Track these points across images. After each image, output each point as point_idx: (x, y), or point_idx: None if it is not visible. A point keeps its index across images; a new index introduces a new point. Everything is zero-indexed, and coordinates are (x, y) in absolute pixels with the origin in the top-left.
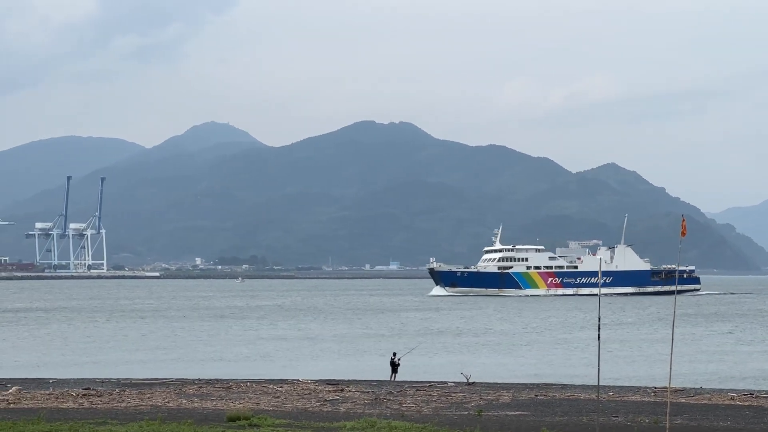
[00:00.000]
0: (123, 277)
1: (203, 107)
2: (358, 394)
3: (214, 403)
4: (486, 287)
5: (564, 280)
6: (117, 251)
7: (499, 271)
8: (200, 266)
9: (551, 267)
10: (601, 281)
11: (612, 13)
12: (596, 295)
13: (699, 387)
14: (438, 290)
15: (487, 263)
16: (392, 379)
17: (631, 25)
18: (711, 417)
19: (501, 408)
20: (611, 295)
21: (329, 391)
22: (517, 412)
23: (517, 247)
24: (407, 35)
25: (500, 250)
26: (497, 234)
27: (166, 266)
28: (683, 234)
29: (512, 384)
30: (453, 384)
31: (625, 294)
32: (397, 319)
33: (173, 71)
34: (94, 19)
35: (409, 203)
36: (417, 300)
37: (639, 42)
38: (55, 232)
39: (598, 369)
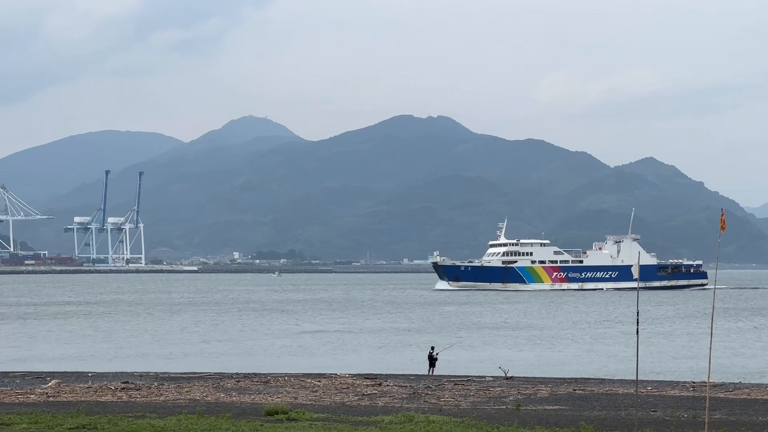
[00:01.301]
0: (161, 271)
1: (241, 101)
2: (396, 388)
3: (252, 397)
4: (490, 282)
5: (569, 275)
6: (155, 245)
7: (503, 265)
8: (238, 260)
9: (556, 261)
10: (606, 276)
11: (652, 7)
12: (602, 289)
13: (738, 381)
14: (442, 284)
15: (492, 257)
16: (430, 373)
17: (671, 19)
18: (750, 412)
19: (539, 402)
20: (616, 289)
21: (367, 385)
22: (555, 407)
23: (521, 241)
24: (446, 29)
25: (504, 245)
26: (502, 228)
27: (204, 260)
28: (722, 228)
29: (550, 378)
30: (491, 378)
31: (631, 289)
32: (435, 313)
33: (212, 66)
34: (134, 13)
35: (447, 197)
36: (421, 294)
37: (679, 36)
38: (93, 227)
39: (637, 363)
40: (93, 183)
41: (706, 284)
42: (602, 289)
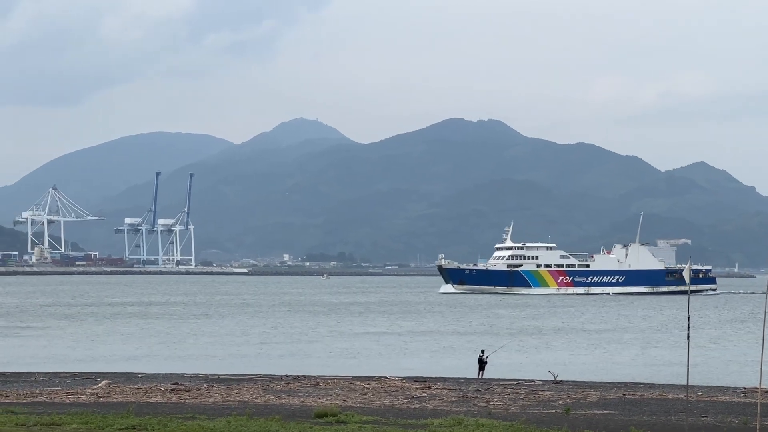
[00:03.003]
0: (211, 273)
1: (292, 103)
2: (446, 391)
3: (302, 399)
4: (495, 285)
5: (575, 279)
6: (205, 247)
7: (509, 269)
8: (288, 263)
9: (562, 265)
10: (613, 280)
11: (706, 10)
12: (609, 294)
13: None
14: (447, 288)
15: (497, 261)
16: (479, 376)
17: (725, 22)
18: None
19: (589, 407)
20: (623, 294)
21: (417, 388)
22: (605, 411)
23: (527, 245)
24: (497, 33)
25: (510, 248)
26: (508, 231)
27: (254, 262)
28: None
29: (600, 382)
30: (540, 382)
31: (638, 294)
32: (485, 317)
33: (263, 67)
34: (188, 15)
35: (497, 201)
36: (425, 298)
37: (733, 40)
38: (143, 228)
39: (687, 368)
40: (144, 184)
41: (715, 289)
42: (609, 293)
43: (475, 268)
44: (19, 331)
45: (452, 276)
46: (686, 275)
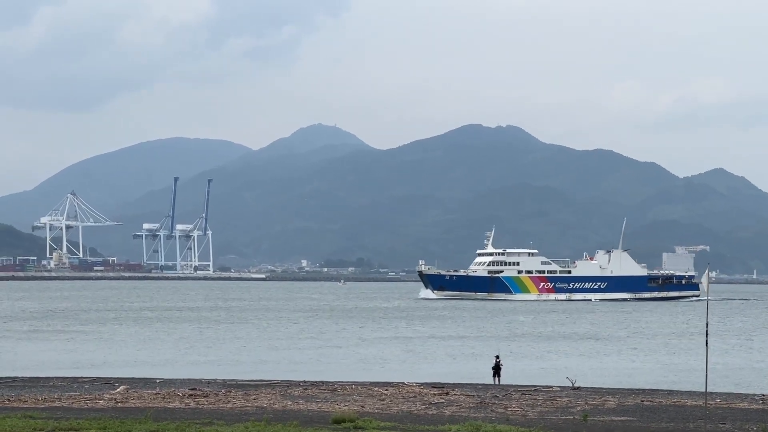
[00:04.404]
0: (229, 278)
1: (311, 109)
2: (463, 397)
3: (319, 405)
4: (475, 291)
5: (556, 285)
6: (223, 253)
7: (489, 275)
8: (306, 268)
9: (543, 272)
10: (595, 287)
11: (724, 16)
12: (590, 300)
13: None
14: (426, 293)
15: (478, 267)
16: (496, 382)
17: (743, 28)
18: None
19: (607, 413)
20: (605, 301)
21: (434, 394)
22: (623, 418)
23: (508, 250)
24: (515, 38)
25: (491, 254)
26: (489, 237)
27: (272, 268)
28: None
29: (618, 389)
30: (558, 388)
31: (620, 300)
32: (503, 323)
33: (282, 73)
34: (208, 21)
35: (515, 206)
36: (404, 304)
37: (751, 45)
38: (162, 233)
39: (706, 375)
40: (162, 190)
41: (698, 296)
42: (591, 300)
43: (455, 274)
44: (37, 335)
45: (432, 281)
46: (704, 282)
